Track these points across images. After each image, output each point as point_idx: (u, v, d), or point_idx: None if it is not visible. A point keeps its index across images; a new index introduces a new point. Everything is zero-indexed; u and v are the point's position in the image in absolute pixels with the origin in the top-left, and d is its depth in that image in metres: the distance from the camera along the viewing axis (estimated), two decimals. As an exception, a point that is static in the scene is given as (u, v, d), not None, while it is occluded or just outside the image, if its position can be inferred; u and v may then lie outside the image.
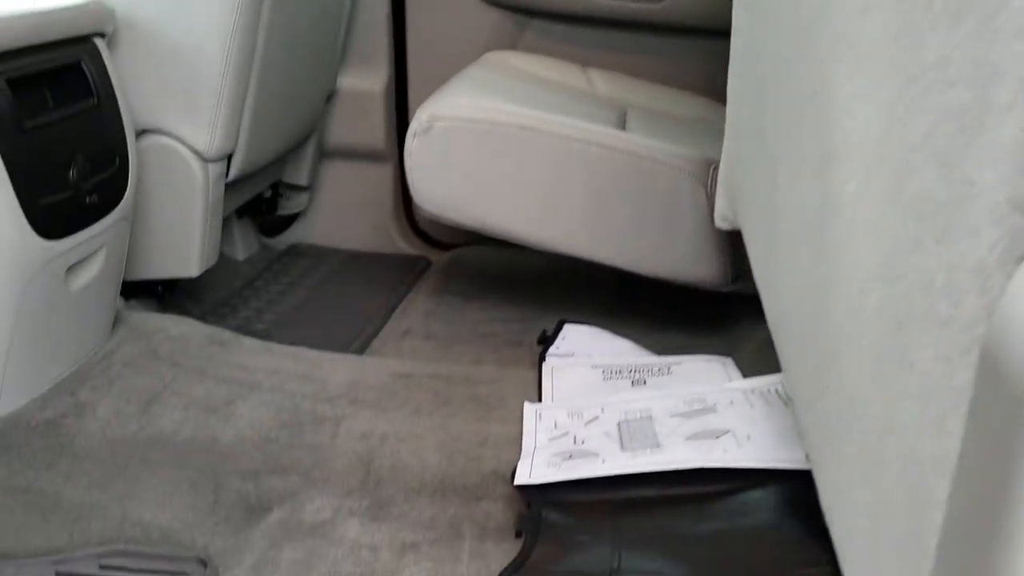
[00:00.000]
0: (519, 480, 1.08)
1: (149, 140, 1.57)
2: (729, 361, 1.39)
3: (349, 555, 1.08)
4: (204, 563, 1.12)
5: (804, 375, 0.72)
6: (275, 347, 1.58)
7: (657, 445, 1.11)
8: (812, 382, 0.69)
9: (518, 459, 1.19)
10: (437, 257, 2.22)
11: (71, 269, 1.36)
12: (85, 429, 1.30)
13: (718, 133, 1.37)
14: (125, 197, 1.44)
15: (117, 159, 1.42)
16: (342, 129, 2.18)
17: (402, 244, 2.27)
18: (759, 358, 1.42)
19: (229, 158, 1.67)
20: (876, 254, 0.56)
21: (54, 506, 1.18)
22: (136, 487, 1.21)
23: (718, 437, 1.10)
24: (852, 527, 0.58)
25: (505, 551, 1.07)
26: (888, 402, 0.50)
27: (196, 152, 1.58)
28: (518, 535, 1.05)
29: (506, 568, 0.96)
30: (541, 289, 1.93)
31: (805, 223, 0.77)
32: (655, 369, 1.38)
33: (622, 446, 1.12)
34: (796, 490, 0.98)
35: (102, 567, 1.13)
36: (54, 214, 1.28)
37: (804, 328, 0.73)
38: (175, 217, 1.62)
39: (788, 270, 0.81)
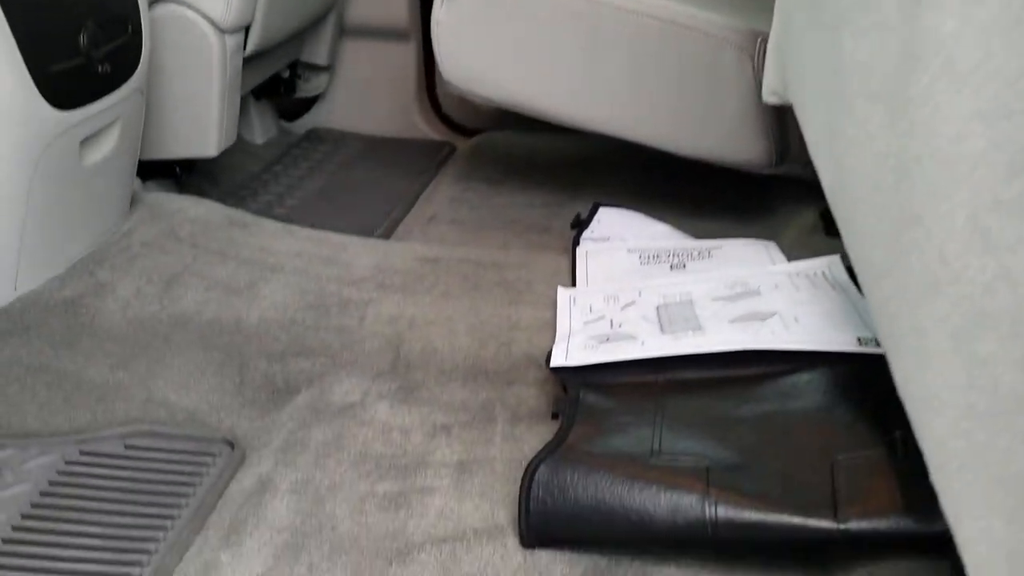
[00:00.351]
0: (555, 362, 1.04)
1: (163, 9, 1.49)
2: (772, 244, 1.33)
3: (379, 436, 1.05)
4: (231, 444, 1.09)
5: (878, 244, 0.66)
6: (297, 230, 1.53)
7: (699, 328, 1.06)
8: (888, 250, 0.63)
9: (551, 344, 1.15)
10: (461, 143, 2.15)
11: (85, 143, 1.30)
12: (105, 309, 1.27)
13: (766, 2, 1.28)
14: (139, 68, 1.37)
15: (130, 27, 1.35)
16: (363, 4, 2.09)
17: (425, 129, 2.19)
18: (803, 243, 1.36)
19: (246, 31, 1.59)
20: (978, 94, 0.50)
21: (76, 386, 1.15)
22: (159, 368, 1.18)
23: (764, 320, 1.05)
24: (941, 398, 0.53)
25: (539, 434, 1.04)
26: (997, 253, 0.45)
27: (212, 22, 1.50)
28: (554, 417, 1.01)
29: (543, 449, 0.92)
30: (568, 174, 1.86)
31: (881, 79, 0.70)
32: (695, 253, 1.33)
33: (662, 329, 1.08)
34: (848, 373, 0.94)
35: (127, 447, 1.10)
36: (66, 82, 1.22)
37: (879, 194, 0.67)
38: (192, 92, 1.55)
39: (858, 135, 0.75)
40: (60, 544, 0.96)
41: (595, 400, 0.97)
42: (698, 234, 1.47)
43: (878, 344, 0.92)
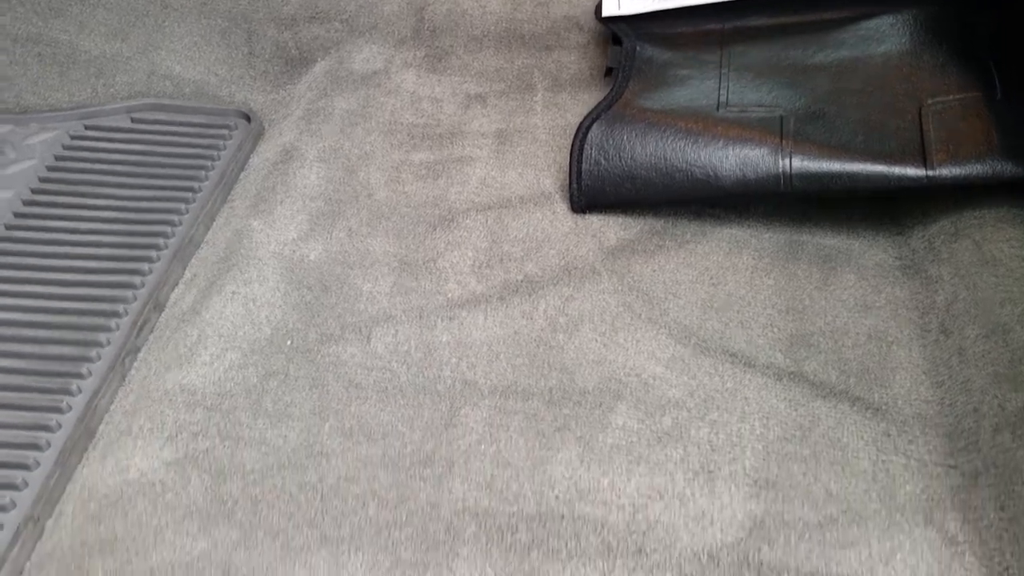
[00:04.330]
0: (607, 11, 0.93)
1: None
2: None
3: (408, 106, 0.97)
4: (247, 117, 1.01)
5: None
6: None
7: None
8: None
9: (592, 2, 1.03)
10: None
11: None
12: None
13: None
14: None
15: None
16: None
17: None
18: None
19: None
20: None
21: (71, 58, 1.05)
22: (160, 37, 1.07)
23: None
24: None
25: (584, 102, 0.95)
26: None
27: None
28: (607, 74, 0.92)
29: (595, 107, 0.84)
30: None
31: None
32: None
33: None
34: (942, 14, 0.83)
35: (134, 121, 1.02)
36: None
37: None
38: None
39: None
40: (75, 218, 0.90)
41: (653, 52, 0.88)
42: None
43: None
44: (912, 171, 0.73)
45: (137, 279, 0.83)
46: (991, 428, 0.62)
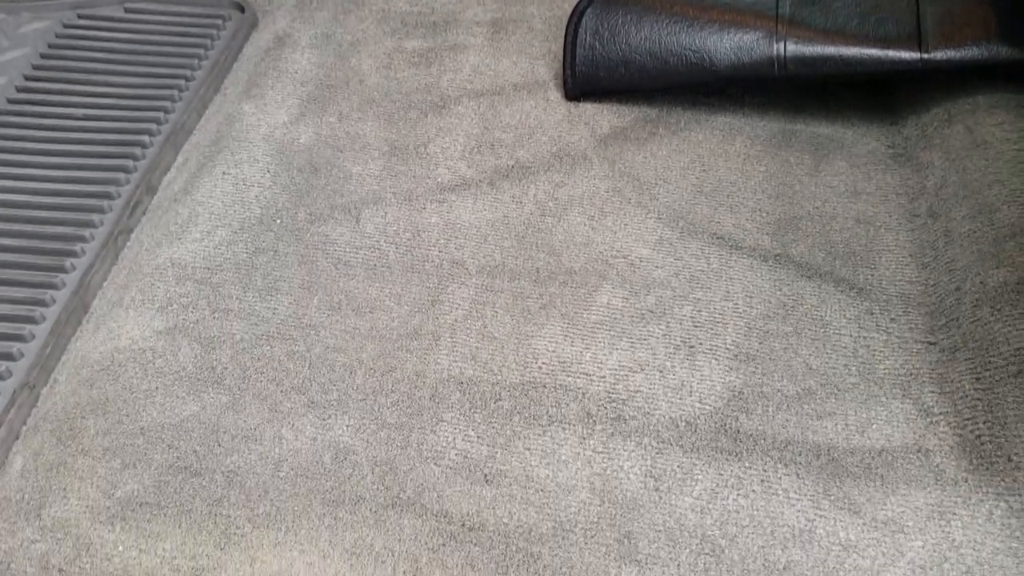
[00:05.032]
0: None
1: None
2: None
3: (404, -5, 0.95)
4: (241, 8, 1.00)
5: None
6: None
7: None
8: None
9: None
10: None
11: None
12: None
13: None
14: None
15: None
16: None
17: None
18: None
19: None
20: None
21: (63, -53, 1.03)
22: (153, -74, 1.05)
23: None
24: None
25: (581, -8, 0.94)
26: None
27: None
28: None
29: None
30: None
31: None
32: None
33: None
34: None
35: (128, 11, 1.01)
36: None
37: None
38: None
39: None
40: (68, 104, 0.90)
41: None
42: None
43: None
44: (907, 54, 0.72)
45: (130, 163, 0.83)
46: (971, 304, 0.62)
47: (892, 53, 0.72)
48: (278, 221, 0.73)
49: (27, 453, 0.61)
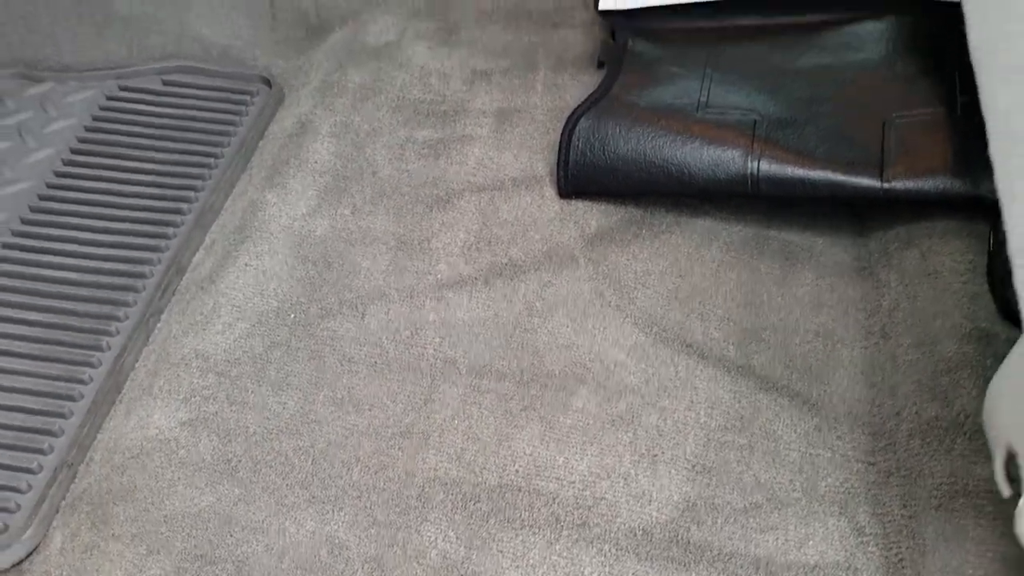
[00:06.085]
0: (603, 4, 0.98)
1: None
2: None
3: (418, 81, 1.03)
4: (269, 83, 1.08)
5: None
6: None
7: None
8: None
9: (601, -17, 1.07)
10: None
11: None
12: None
13: None
14: None
15: None
16: None
17: None
18: None
19: None
20: None
21: (108, 19, 1.12)
22: (191, 0, 1.13)
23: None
24: (1013, 67, 0.49)
25: (583, 84, 1.00)
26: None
27: None
28: (600, 66, 0.97)
29: (586, 99, 0.90)
30: None
31: None
32: None
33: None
34: (916, 24, 0.87)
35: (165, 83, 1.09)
36: None
37: None
38: None
39: None
40: (112, 179, 0.98)
41: (644, 48, 0.92)
42: None
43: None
44: (868, 182, 0.78)
45: (162, 243, 0.92)
46: (907, 432, 0.69)
47: (855, 180, 0.78)
48: (292, 315, 0.81)
49: (65, 532, 0.70)
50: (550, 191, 0.91)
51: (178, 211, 0.95)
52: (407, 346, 0.79)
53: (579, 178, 0.88)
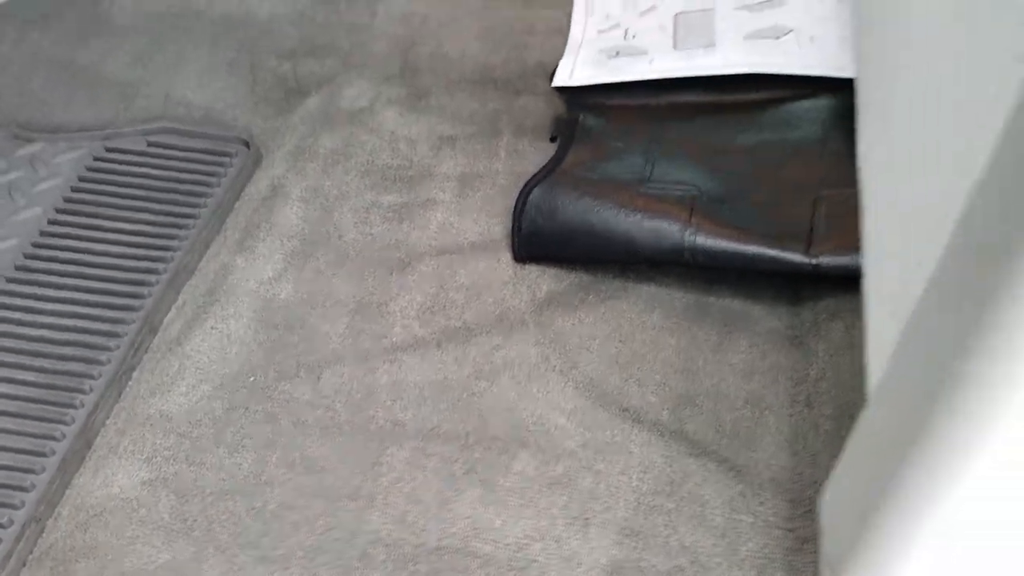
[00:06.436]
0: (558, 81, 1.03)
1: None
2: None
3: (387, 146, 1.08)
4: (247, 144, 1.13)
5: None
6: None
7: (711, 44, 1.02)
8: None
9: (564, 51, 1.12)
10: None
11: None
12: (119, 3, 1.26)
13: None
14: None
15: None
16: None
17: None
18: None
19: None
20: None
21: (97, 81, 1.18)
22: (177, 65, 1.19)
23: (779, 38, 1.00)
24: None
25: (542, 150, 1.04)
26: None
27: None
28: (552, 140, 1.02)
29: (539, 171, 0.94)
30: None
31: None
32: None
33: (674, 44, 1.04)
34: (849, 104, 0.91)
35: (150, 144, 1.15)
36: None
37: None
38: None
39: None
40: (94, 239, 1.03)
41: (594, 123, 0.97)
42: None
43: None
44: (798, 258, 0.82)
45: (136, 302, 0.96)
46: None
47: (785, 255, 0.83)
48: (252, 378, 0.86)
49: (30, 586, 0.74)
50: (506, 255, 0.95)
51: (154, 271, 0.99)
52: (358, 409, 0.83)
53: (531, 245, 0.92)
